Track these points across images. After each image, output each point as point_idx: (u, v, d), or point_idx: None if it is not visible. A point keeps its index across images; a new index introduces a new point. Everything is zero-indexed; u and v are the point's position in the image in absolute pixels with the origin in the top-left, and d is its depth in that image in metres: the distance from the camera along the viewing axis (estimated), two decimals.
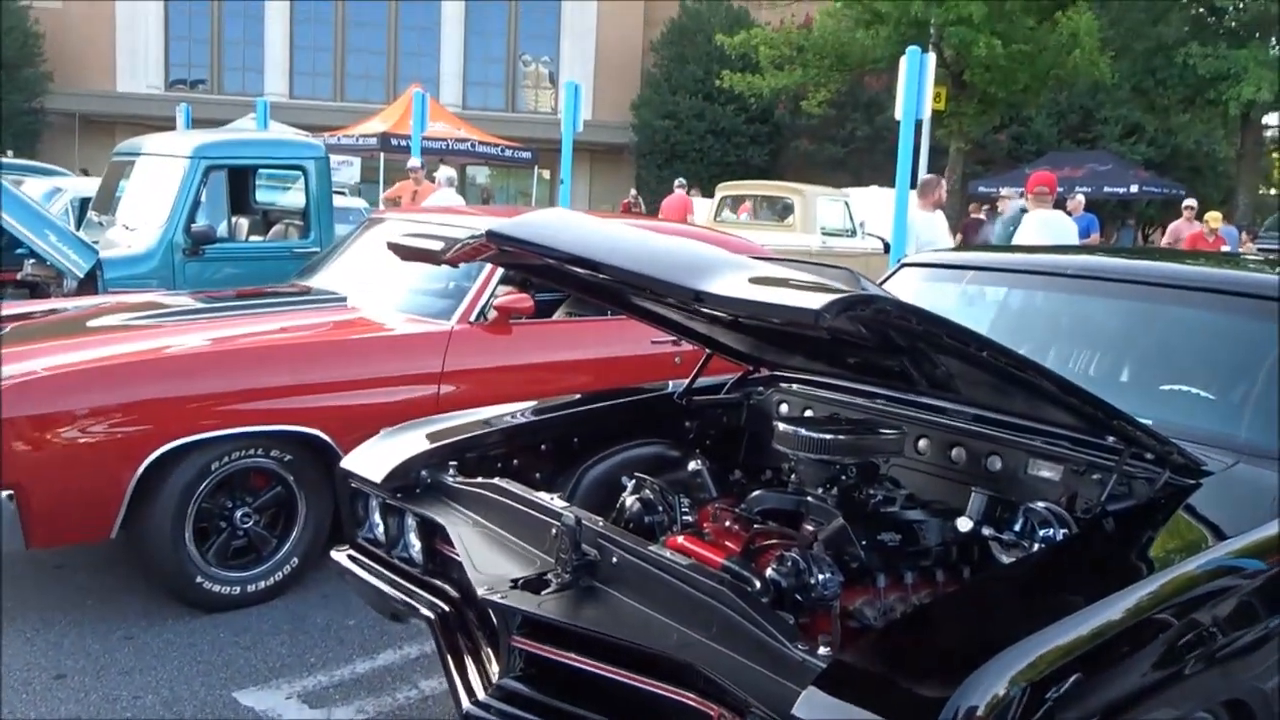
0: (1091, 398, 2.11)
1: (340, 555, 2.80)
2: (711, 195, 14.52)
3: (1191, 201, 13.39)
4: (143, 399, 3.33)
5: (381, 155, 16.18)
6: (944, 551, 2.35)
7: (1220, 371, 2.85)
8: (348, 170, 18.72)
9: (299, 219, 6.61)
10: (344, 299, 4.37)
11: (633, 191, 20.75)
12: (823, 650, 1.70)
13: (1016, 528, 2.30)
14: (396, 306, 4.27)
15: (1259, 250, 14.60)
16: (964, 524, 2.32)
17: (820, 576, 2.07)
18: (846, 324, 1.70)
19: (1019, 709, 1.53)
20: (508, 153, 18.48)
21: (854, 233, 12.92)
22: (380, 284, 4.52)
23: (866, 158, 24.79)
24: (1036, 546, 2.18)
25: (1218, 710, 2.00)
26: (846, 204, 13.12)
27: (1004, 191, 12.79)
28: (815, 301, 1.49)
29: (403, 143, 15.25)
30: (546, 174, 28.35)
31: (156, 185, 6.06)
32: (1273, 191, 31.06)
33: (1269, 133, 23.37)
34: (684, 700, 1.83)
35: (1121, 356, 3.12)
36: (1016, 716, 1.53)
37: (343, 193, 12.70)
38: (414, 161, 10.83)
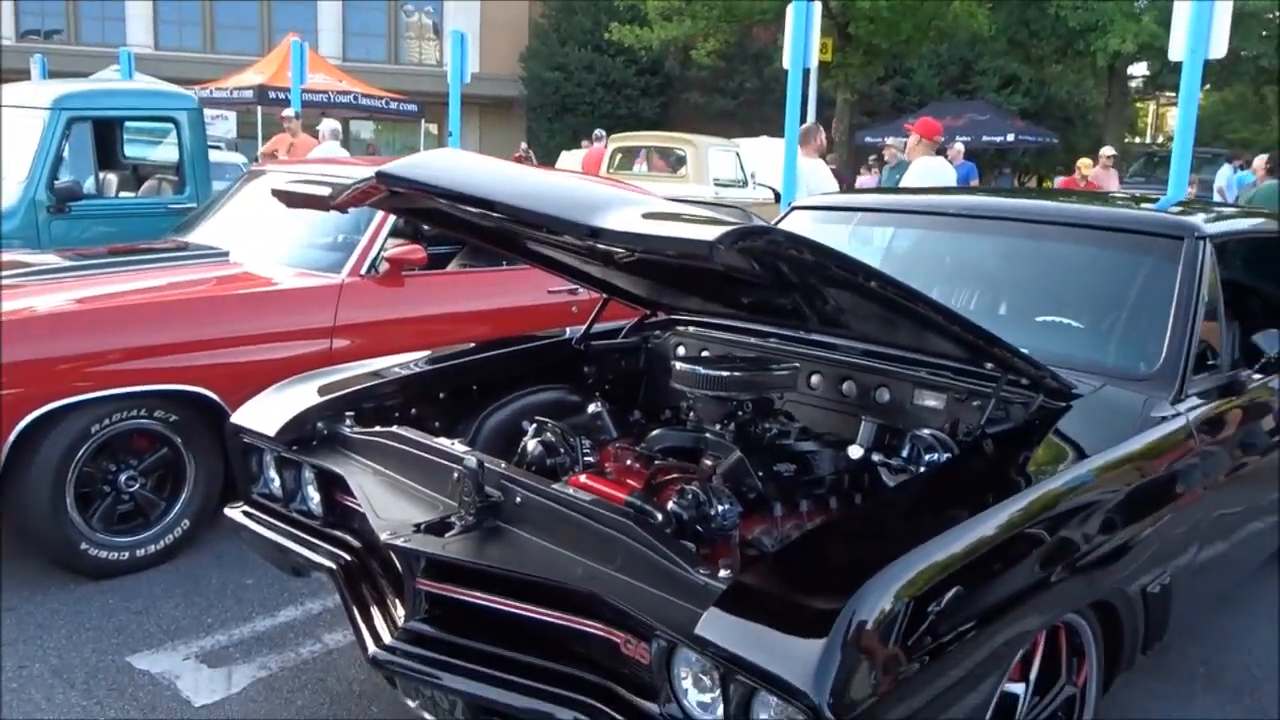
0: (973, 326, 2.21)
1: (235, 512, 2.74)
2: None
3: (1109, 150, 13.63)
4: (11, 361, 3.16)
5: (259, 109, 15.50)
6: (837, 479, 2.44)
7: (1090, 302, 3.01)
8: (223, 125, 17.90)
9: (173, 174, 6.31)
10: (226, 254, 4.21)
11: (523, 144, 20.44)
12: (723, 574, 1.76)
13: (904, 453, 2.41)
14: (283, 261, 4.15)
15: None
16: (855, 452, 2.42)
17: (719, 508, 2.13)
18: (739, 256, 1.73)
19: (904, 620, 1.62)
20: (392, 105, 17.92)
21: (745, 183, 13.04)
22: (264, 239, 4.37)
23: (756, 109, 24.95)
24: (923, 470, 2.29)
25: (1086, 612, 2.15)
26: (738, 154, 13.22)
27: (889, 141, 13.07)
28: (709, 233, 1.52)
29: (281, 95, 14.63)
30: (434, 128, 27.66)
31: (14, 139, 5.70)
32: (1138, 139, 32.60)
33: (1134, 83, 24.42)
34: (590, 630, 1.87)
35: (1001, 291, 3.26)
36: (903, 626, 1.61)
37: (218, 147, 12.16)
38: (288, 111, 10.37)
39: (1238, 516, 2.79)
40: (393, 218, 4.15)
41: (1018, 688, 2.03)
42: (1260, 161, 9.38)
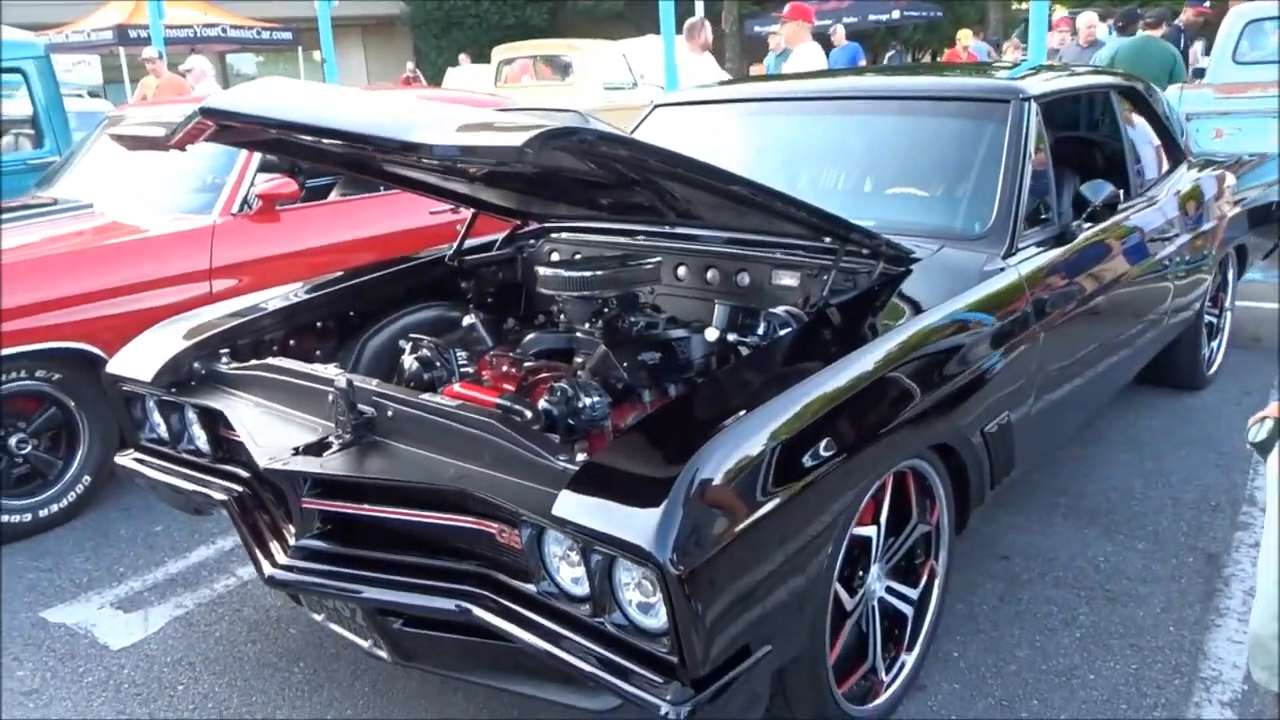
0: (807, 206, 2.33)
1: (125, 460, 2.78)
2: (486, 60, 14.13)
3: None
4: None
5: (122, 50, 14.79)
6: (703, 362, 2.57)
7: (934, 171, 3.15)
8: (86, 70, 17.01)
9: (29, 128, 6.07)
10: (90, 206, 4.13)
11: (410, 65, 19.84)
12: (580, 458, 1.89)
13: (760, 331, 2.56)
14: (151, 208, 4.08)
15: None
16: (711, 334, 2.56)
17: (588, 400, 2.25)
18: (559, 156, 1.81)
19: (744, 475, 1.76)
20: (265, 34, 17.22)
21: (635, 84, 12.93)
22: (129, 187, 4.29)
23: (646, 8, 24.39)
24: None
25: (929, 456, 2.35)
26: (625, 56, 13.07)
27: (773, 29, 13.03)
28: (517, 139, 1.60)
29: (143, 35, 13.96)
30: (317, 55, 26.59)
31: None
32: (1024, 5, 32.86)
33: None
34: (465, 525, 2.00)
35: (858, 168, 3.38)
36: (743, 481, 1.76)
37: (79, 95, 11.59)
38: (149, 51, 9.85)
39: (1081, 357, 3.02)
40: (258, 155, 4.10)
41: (870, 530, 2.22)
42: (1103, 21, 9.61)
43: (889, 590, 2.36)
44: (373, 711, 2.47)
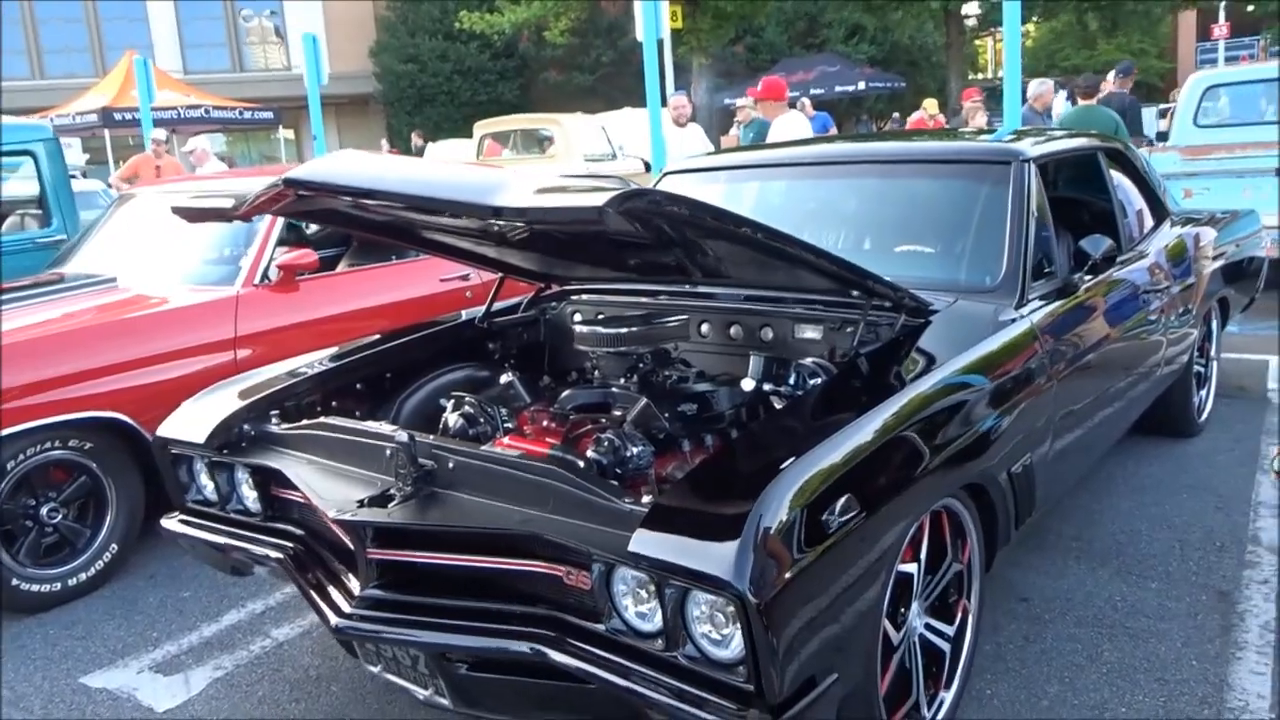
0: (837, 260, 2.47)
1: (171, 522, 2.83)
2: (468, 135, 14.43)
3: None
4: None
5: (106, 132, 14.97)
6: (735, 413, 2.69)
7: (939, 229, 3.33)
8: (69, 153, 17.13)
9: (35, 207, 6.16)
10: (114, 280, 4.22)
11: (384, 143, 20.18)
12: (645, 499, 1.98)
13: (791, 381, 2.68)
14: (172, 281, 4.18)
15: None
16: (748, 384, 2.68)
17: (634, 450, 2.36)
18: (625, 218, 1.94)
19: (803, 516, 1.86)
20: (247, 115, 17.49)
21: (614, 155, 13.25)
22: (148, 261, 4.39)
23: (616, 81, 25.15)
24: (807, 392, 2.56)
25: (961, 496, 2.46)
26: (604, 128, 13.41)
27: (740, 102, 13.46)
28: (596, 200, 1.72)
29: (127, 117, 14.17)
30: (290, 134, 26.93)
31: None
32: (980, 75, 34.02)
33: (969, 22, 25.46)
34: (533, 569, 2.07)
35: (863, 228, 3.56)
36: (802, 521, 1.86)
37: (75, 176, 11.69)
38: (159, 133, 10.08)
39: (1087, 404, 3.16)
40: (279, 227, 4.22)
41: (911, 568, 2.32)
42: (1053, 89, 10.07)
43: (928, 627, 2.45)
44: None
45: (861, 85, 22.52)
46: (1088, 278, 3.17)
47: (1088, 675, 2.73)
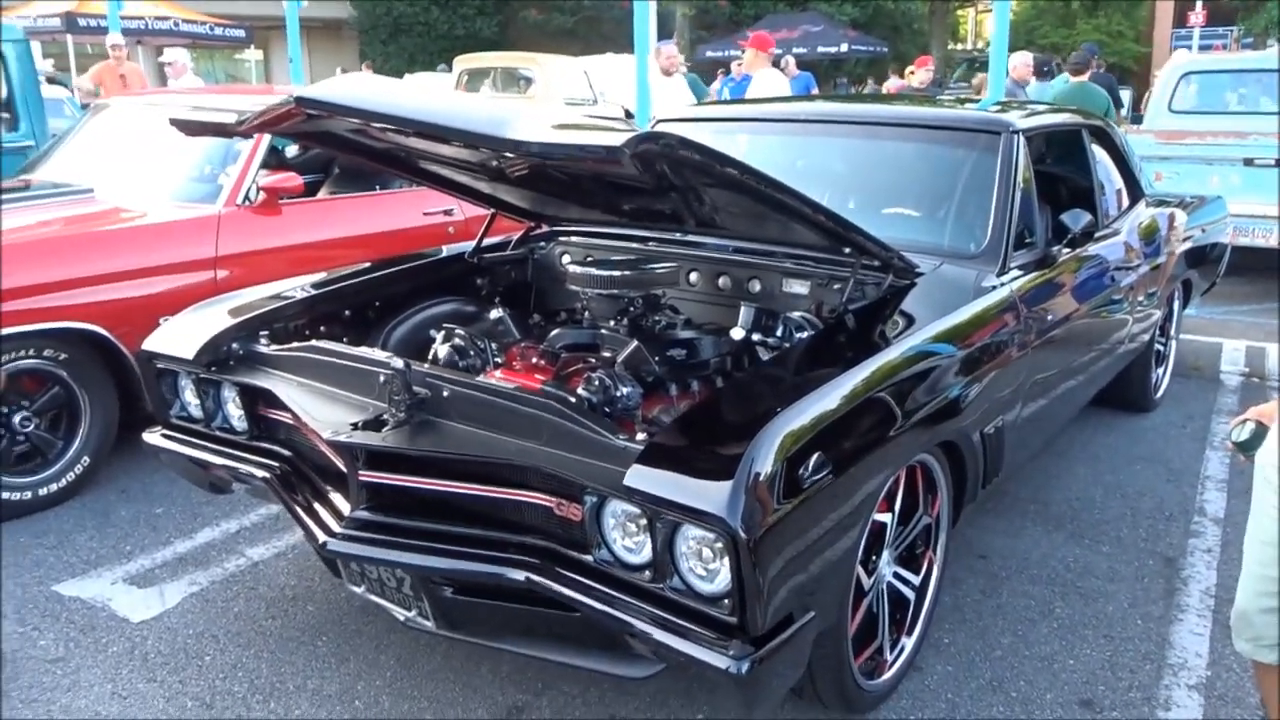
0: (835, 215, 2.52)
1: (153, 437, 2.83)
2: (434, 69, 14.19)
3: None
4: None
5: (69, 39, 14.47)
6: (721, 361, 2.74)
7: (926, 194, 3.39)
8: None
9: (3, 111, 5.99)
10: (91, 191, 4.14)
11: (365, 67, 19.74)
12: (640, 437, 2.04)
13: (779, 333, 2.74)
14: (152, 195, 4.11)
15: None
16: (737, 333, 2.73)
17: (624, 390, 2.41)
18: (638, 161, 1.97)
19: (790, 462, 1.93)
20: (217, 31, 16.98)
21: (595, 101, 13.11)
22: (126, 174, 4.31)
23: (596, 26, 24.79)
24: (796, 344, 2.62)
25: (935, 452, 2.55)
26: (586, 73, 13.25)
27: (737, 58, 13.38)
28: (614, 139, 1.75)
29: (93, 23, 13.72)
30: (260, 55, 26.21)
31: None
32: (960, 45, 34.03)
33: None
34: (525, 499, 2.13)
35: (850, 188, 3.59)
36: (788, 467, 1.92)
37: (45, 81, 11.34)
38: (116, 38, 9.71)
39: (1055, 373, 3.26)
40: (264, 147, 4.17)
41: (885, 517, 2.41)
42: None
43: (896, 575, 2.55)
44: (401, 683, 2.57)
45: (844, 47, 22.40)
46: (1066, 251, 3.25)
47: (1039, 629, 2.86)
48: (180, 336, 2.75)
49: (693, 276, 3.13)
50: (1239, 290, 6.85)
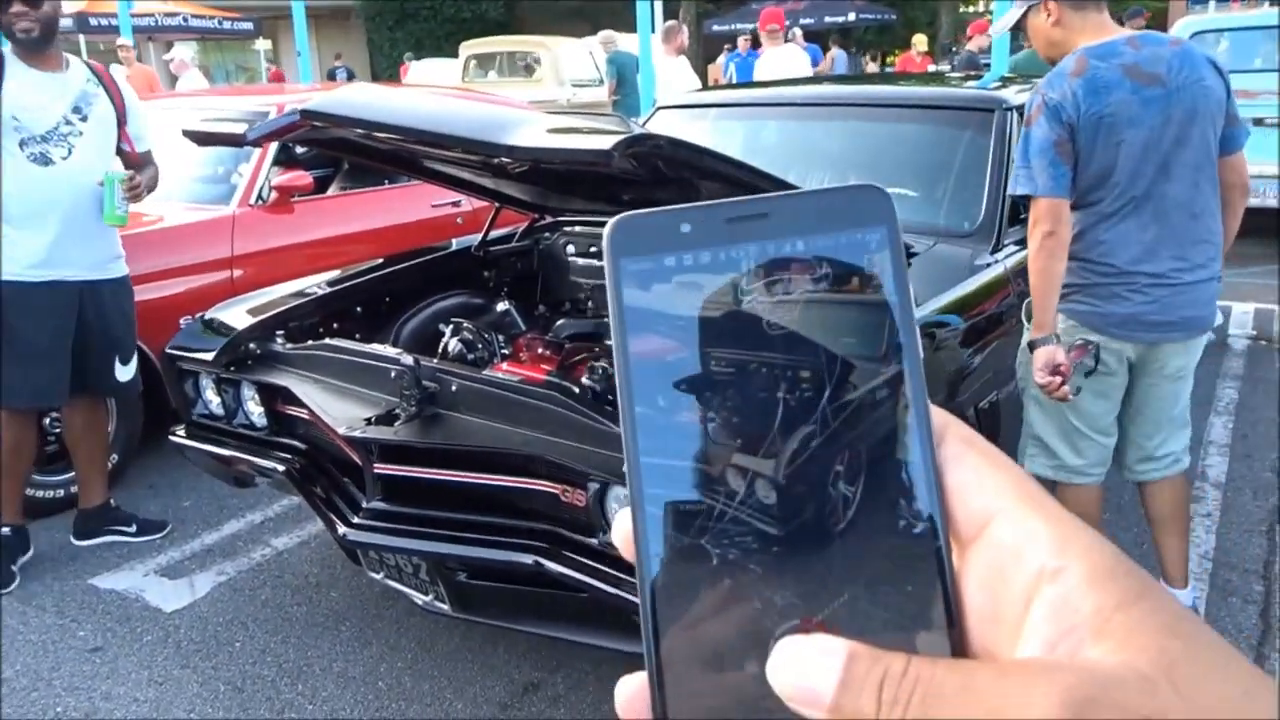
0: None
1: (177, 435, 2.95)
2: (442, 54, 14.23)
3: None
4: None
5: (81, 38, 14.62)
6: None
7: (922, 173, 3.44)
8: None
9: None
10: None
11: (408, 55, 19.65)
12: None
13: None
14: (162, 198, 4.21)
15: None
16: None
17: None
18: (630, 160, 2.05)
19: None
20: (226, 25, 17.09)
21: (602, 81, 13.13)
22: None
23: (603, 5, 24.66)
24: None
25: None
26: (591, 54, 13.27)
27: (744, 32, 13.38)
28: (605, 143, 1.83)
29: (104, 22, 13.86)
30: (269, 45, 26.30)
31: None
32: (971, 8, 33.64)
33: None
34: (534, 486, 2.22)
35: (849, 168, 3.65)
36: None
37: None
38: (124, 40, 9.88)
39: None
40: (274, 147, 4.26)
41: None
42: None
43: None
44: (421, 664, 2.69)
45: (852, 16, 22.26)
46: None
47: None
48: (200, 338, 2.86)
49: None
50: (1248, 252, 6.83)
